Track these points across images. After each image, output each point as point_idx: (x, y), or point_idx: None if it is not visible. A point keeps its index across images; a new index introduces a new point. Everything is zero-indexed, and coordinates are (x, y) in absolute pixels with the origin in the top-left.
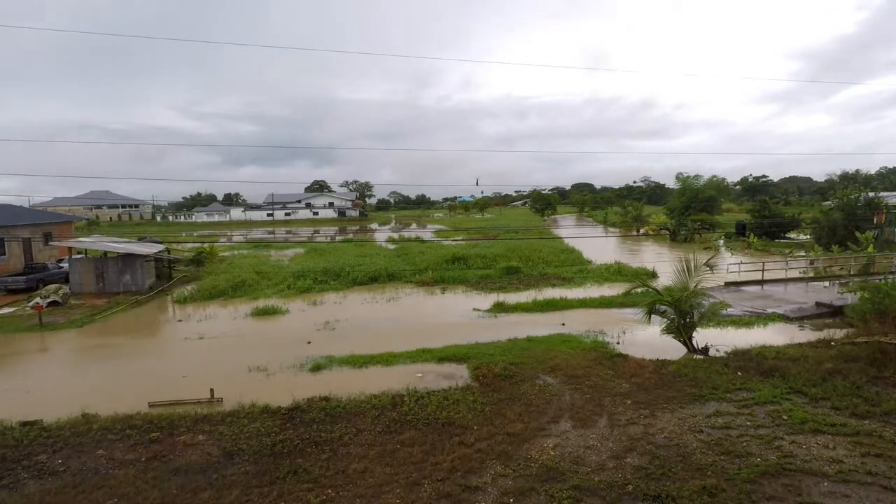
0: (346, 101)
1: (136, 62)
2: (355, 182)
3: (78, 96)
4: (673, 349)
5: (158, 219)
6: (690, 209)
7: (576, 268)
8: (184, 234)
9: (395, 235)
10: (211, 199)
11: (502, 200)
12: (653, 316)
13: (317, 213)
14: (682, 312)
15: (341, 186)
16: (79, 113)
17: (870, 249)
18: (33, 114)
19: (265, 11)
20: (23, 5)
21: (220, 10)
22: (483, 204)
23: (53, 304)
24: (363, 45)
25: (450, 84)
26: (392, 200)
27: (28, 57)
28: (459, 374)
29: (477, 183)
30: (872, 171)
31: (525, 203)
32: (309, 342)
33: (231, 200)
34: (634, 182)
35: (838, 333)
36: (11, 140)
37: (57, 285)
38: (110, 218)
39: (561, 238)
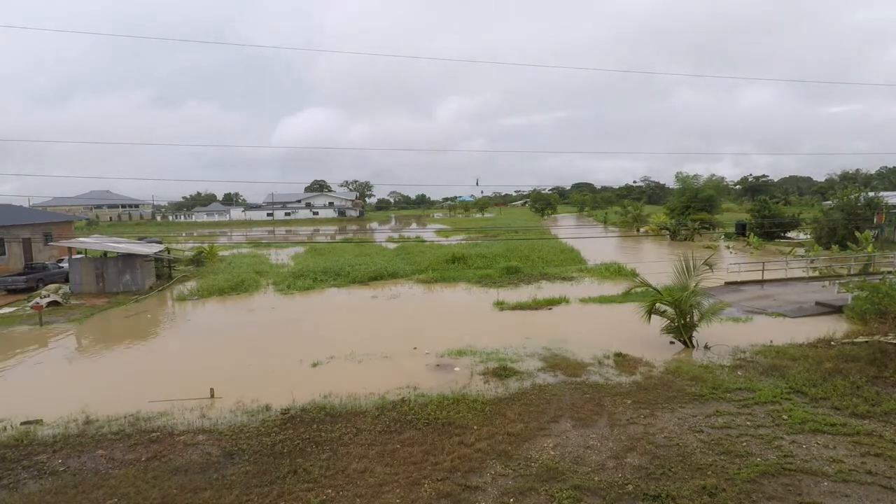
0: None
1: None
2: (355, 182)
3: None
4: (673, 348)
5: (158, 219)
6: (690, 209)
7: (575, 267)
8: (184, 234)
9: (395, 235)
10: (211, 198)
11: (502, 200)
12: (653, 315)
13: (317, 213)
14: (682, 312)
15: (341, 186)
16: None
17: (870, 249)
18: None
19: None
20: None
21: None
22: (483, 204)
23: (53, 303)
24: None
25: None
26: (392, 200)
27: None
28: (459, 372)
29: (477, 183)
30: (872, 171)
31: (525, 203)
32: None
33: (231, 200)
34: (634, 182)
35: (838, 333)
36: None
37: (57, 285)
38: (110, 218)
39: (558, 238)
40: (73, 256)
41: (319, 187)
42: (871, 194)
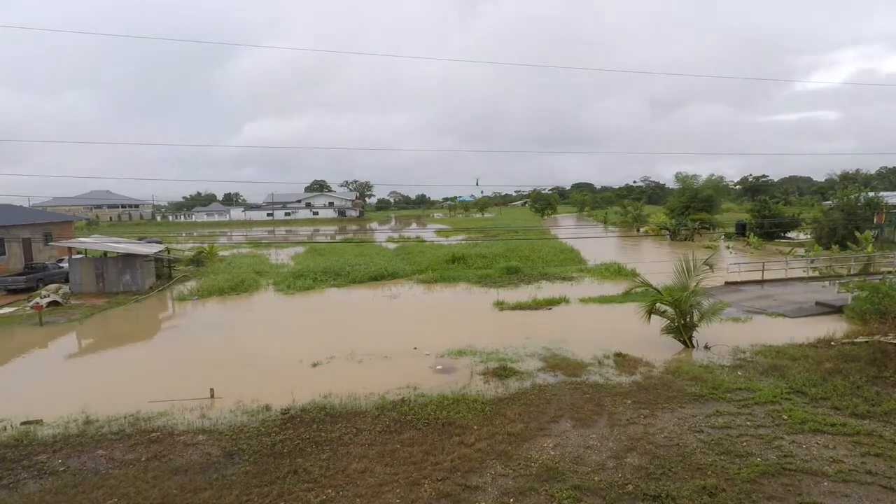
0: None
1: None
2: (355, 182)
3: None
4: (673, 348)
5: (158, 219)
6: (690, 209)
7: (575, 267)
8: (184, 234)
9: (395, 235)
10: (211, 198)
11: (502, 200)
12: (653, 315)
13: (317, 213)
14: (682, 312)
15: (341, 186)
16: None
17: (869, 249)
18: None
19: None
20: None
21: None
22: (483, 204)
23: (53, 303)
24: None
25: None
26: (392, 200)
27: None
28: (459, 372)
29: (477, 183)
30: (872, 171)
31: (525, 203)
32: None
33: (231, 200)
34: (634, 182)
35: (838, 333)
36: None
37: (57, 285)
38: (110, 218)
39: (557, 238)
40: (73, 256)
41: (319, 187)
42: (871, 194)
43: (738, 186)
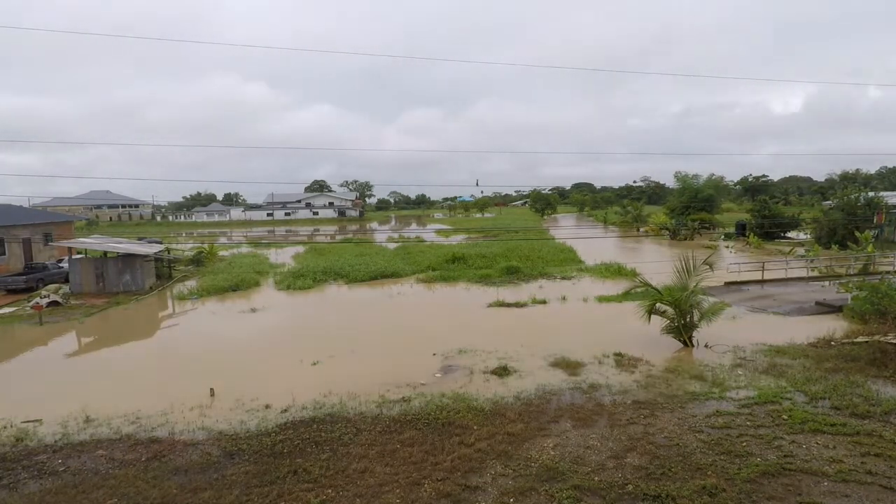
0: None
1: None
2: (355, 182)
3: None
4: (672, 348)
5: (158, 219)
6: (690, 209)
7: (575, 267)
8: (184, 234)
9: (395, 235)
10: (211, 198)
11: (502, 200)
12: (653, 315)
13: (317, 213)
14: (683, 312)
15: (341, 186)
16: None
17: (870, 249)
18: None
19: None
20: None
21: None
22: (483, 204)
23: (53, 303)
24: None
25: None
26: (392, 200)
27: None
28: (459, 372)
29: (477, 183)
30: (872, 171)
31: (525, 203)
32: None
33: (231, 200)
34: (634, 182)
35: (838, 333)
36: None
37: (57, 285)
38: (110, 218)
39: (555, 238)
40: (73, 256)
41: (319, 187)
42: (871, 194)
43: (737, 186)
